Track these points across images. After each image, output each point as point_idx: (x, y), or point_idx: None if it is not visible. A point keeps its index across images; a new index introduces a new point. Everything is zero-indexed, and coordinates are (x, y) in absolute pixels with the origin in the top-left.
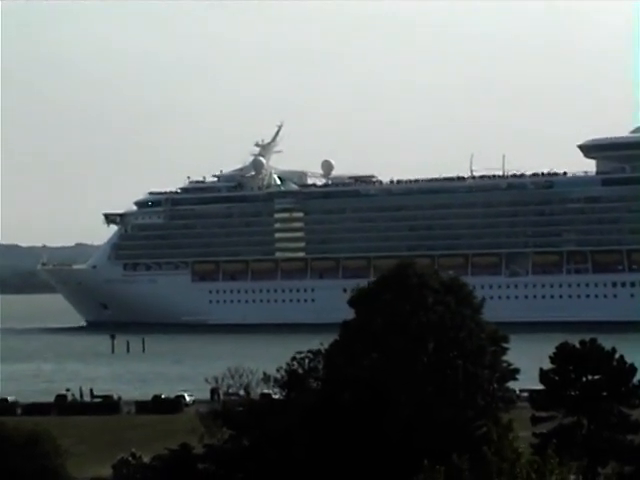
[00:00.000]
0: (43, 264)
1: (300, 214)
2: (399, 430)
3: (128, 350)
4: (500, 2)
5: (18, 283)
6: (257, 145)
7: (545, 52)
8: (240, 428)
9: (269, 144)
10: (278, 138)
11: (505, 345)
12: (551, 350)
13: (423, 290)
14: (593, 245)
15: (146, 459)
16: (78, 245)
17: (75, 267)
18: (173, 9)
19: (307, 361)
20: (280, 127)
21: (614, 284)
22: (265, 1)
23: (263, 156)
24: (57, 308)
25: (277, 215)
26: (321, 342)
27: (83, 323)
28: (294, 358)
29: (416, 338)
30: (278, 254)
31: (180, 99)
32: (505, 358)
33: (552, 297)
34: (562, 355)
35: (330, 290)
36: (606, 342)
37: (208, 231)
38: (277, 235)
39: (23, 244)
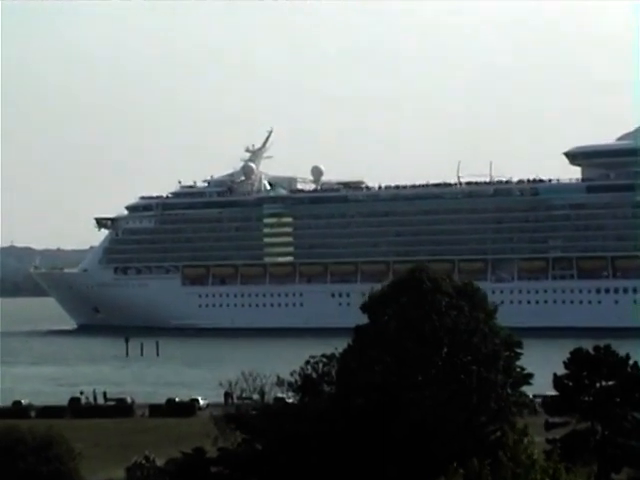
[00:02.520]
0: (35, 267)
1: (289, 219)
2: (412, 435)
3: (142, 353)
4: (489, 12)
5: (32, 287)
6: (247, 151)
7: (533, 61)
8: (254, 432)
9: (259, 150)
10: (268, 144)
11: (519, 350)
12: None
13: (437, 294)
14: (578, 251)
15: (159, 462)
16: (92, 248)
17: (66, 271)
18: (164, 16)
19: (321, 365)
20: (270, 133)
21: (598, 290)
22: (255, 8)
23: (253, 161)
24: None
25: (266, 220)
26: (335, 347)
27: (75, 326)
28: (308, 362)
29: (430, 343)
30: (267, 259)
31: (172, 104)
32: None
33: (537, 303)
34: (576, 360)
35: (318, 295)
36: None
37: (198, 235)
38: (266, 240)
39: (37, 247)
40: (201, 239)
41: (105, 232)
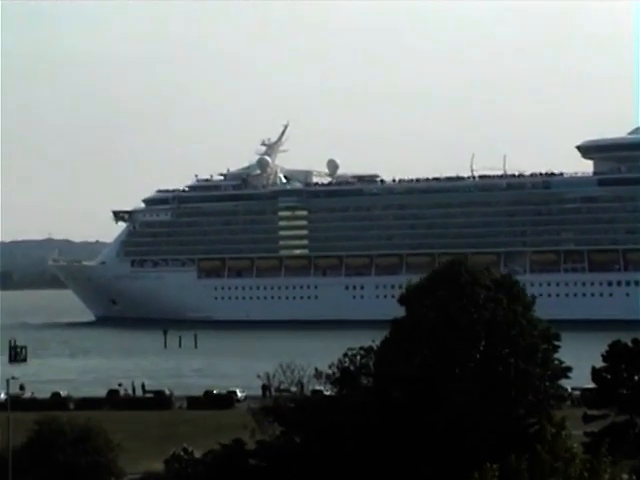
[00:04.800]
0: (54, 260)
1: (304, 212)
2: (450, 427)
3: (180, 345)
4: (500, 2)
5: None
6: (263, 144)
7: (545, 54)
8: (291, 424)
9: (275, 143)
10: (284, 137)
11: (557, 343)
12: None
13: (475, 287)
14: (590, 244)
15: (198, 454)
16: None
17: (85, 263)
18: (183, 8)
19: (359, 358)
20: (286, 127)
21: (610, 283)
22: (273, 2)
23: (269, 155)
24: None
25: (281, 213)
26: (372, 339)
27: (92, 318)
28: (346, 354)
29: (468, 335)
30: (282, 252)
31: (189, 99)
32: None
33: (549, 295)
34: (614, 353)
35: (333, 287)
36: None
37: (214, 228)
38: (281, 233)
39: (76, 240)
40: (217, 232)
41: (123, 225)
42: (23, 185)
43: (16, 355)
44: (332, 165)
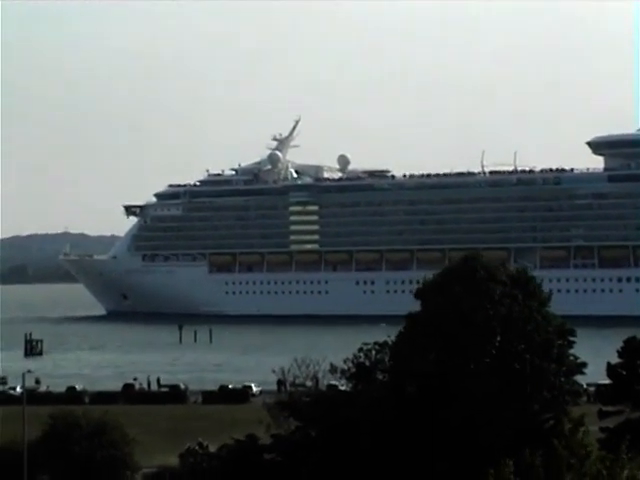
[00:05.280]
0: (65, 254)
1: (315, 207)
2: (465, 423)
3: (195, 340)
4: (512, 2)
5: None
6: (274, 139)
7: (555, 50)
8: (307, 419)
9: (286, 138)
10: (295, 133)
11: (572, 338)
12: None
13: (490, 283)
14: (600, 241)
15: (213, 449)
16: None
17: (96, 257)
18: (193, 6)
19: (374, 353)
20: (297, 122)
21: (620, 279)
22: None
23: (280, 150)
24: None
25: (292, 208)
26: (388, 334)
27: (103, 312)
28: (361, 349)
29: (483, 331)
30: (293, 247)
31: (200, 95)
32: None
33: (559, 291)
34: (630, 349)
35: (343, 282)
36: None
37: (225, 223)
38: (292, 228)
39: (91, 234)
40: (228, 227)
41: (134, 219)
42: (38, 179)
43: (32, 349)
44: (343, 160)
